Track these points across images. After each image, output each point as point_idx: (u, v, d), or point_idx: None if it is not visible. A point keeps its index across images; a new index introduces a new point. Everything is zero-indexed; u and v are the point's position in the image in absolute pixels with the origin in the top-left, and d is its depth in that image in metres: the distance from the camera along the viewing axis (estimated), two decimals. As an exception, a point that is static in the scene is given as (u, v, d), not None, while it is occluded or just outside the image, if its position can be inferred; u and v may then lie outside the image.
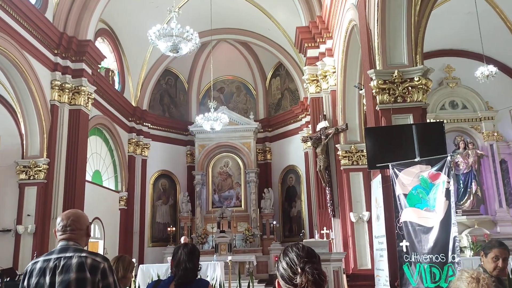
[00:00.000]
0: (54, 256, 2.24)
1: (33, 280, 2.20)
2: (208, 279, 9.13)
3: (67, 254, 2.23)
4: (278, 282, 1.57)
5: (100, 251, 14.48)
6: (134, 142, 17.26)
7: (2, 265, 9.45)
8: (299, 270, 1.49)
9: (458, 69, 12.51)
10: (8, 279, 8.64)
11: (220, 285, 8.75)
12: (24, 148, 11.53)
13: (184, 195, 17.98)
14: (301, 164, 17.59)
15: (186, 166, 19.13)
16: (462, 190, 11.44)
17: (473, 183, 11.34)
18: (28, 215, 11.05)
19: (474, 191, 11.32)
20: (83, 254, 2.24)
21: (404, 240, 5.80)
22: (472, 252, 10.51)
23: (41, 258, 2.27)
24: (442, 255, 5.43)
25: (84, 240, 2.37)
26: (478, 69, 10.02)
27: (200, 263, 2.62)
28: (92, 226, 13.87)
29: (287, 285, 1.53)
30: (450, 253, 5.37)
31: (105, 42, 15.87)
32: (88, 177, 13.85)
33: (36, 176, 11.35)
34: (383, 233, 6.58)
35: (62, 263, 2.19)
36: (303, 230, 16.30)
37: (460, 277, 2.37)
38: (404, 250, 5.78)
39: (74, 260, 2.20)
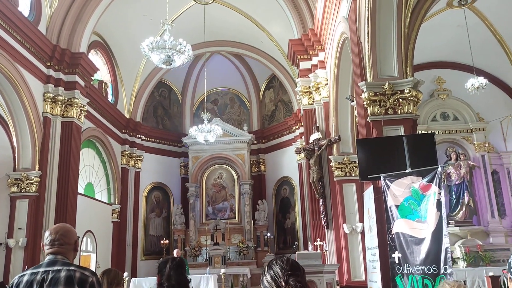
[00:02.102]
0: (42, 269, 2.23)
1: None
2: (201, 292, 9.07)
3: (55, 268, 2.23)
4: None
5: (93, 265, 14.33)
6: (127, 154, 17.20)
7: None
8: (283, 284, 1.50)
9: (449, 81, 12.66)
10: (-2, 294, 8.52)
11: (212, 298, 8.69)
12: (16, 160, 11.45)
13: (177, 207, 17.89)
14: (295, 176, 17.59)
15: (180, 178, 19.06)
16: (455, 201, 11.50)
17: (465, 194, 11.41)
18: (20, 228, 10.92)
19: (466, 202, 11.37)
20: (72, 268, 2.24)
21: (396, 252, 5.80)
22: (465, 263, 10.52)
23: (28, 271, 2.25)
24: (434, 267, 5.43)
25: (71, 254, 2.37)
26: (468, 81, 10.15)
27: (189, 276, 2.61)
28: (84, 239, 13.75)
29: None
30: (442, 264, 5.37)
31: (98, 54, 15.90)
32: (81, 189, 13.75)
33: (28, 189, 11.25)
34: (375, 245, 6.58)
35: (50, 276, 2.19)
36: (296, 242, 16.25)
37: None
38: (397, 261, 5.78)
39: (63, 274, 2.20)
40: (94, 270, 2.33)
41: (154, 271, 15.27)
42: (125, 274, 9.53)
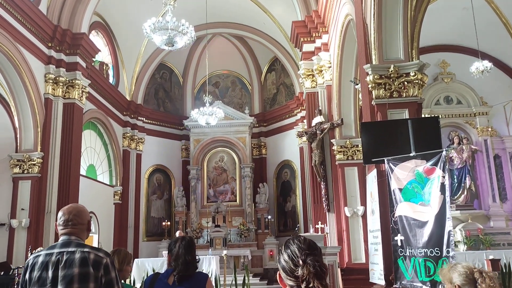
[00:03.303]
0: (56, 250, 2.23)
1: (35, 274, 2.19)
2: (203, 273, 9.15)
3: (70, 249, 2.23)
4: (279, 274, 1.57)
5: (95, 246, 14.44)
6: (128, 136, 17.19)
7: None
8: (301, 263, 1.49)
9: (453, 65, 12.56)
10: (2, 273, 8.59)
11: (215, 279, 8.76)
12: (18, 142, 11.45)
13: (179, 190, 17.95)
14: (296, 159, 17.60)
15: (181, 161, 19.08)
16: (456, 185, 11.52)
17: (467, 178, 11.42)
18: (22, 209, 10.98)
19: (468, 186, 11.40)
20: (86, 249, 2.25)
21: (399, 234, 5.84)
22: (466, 246, 10.59)
23: (43, 252, 2.25)
24: (436, 249, 5.46)
25: (85, 234, 2.37)
26: (473, 65, 10.06)
27: (197, 255, 2.62)
28: (87, 220, 13.83)
29: (288, 277, 1.52)
30: (444, 247, 5.40)
31: (99, 35, 15.75)
32: (83, 171, 13.78)
33: (30, 170, 11.27)
34: (378, 228, 6.61)
35: (65, 257, 2.19)
36: (298, 225, 16.34)
37: (456, 270, 2.33)
38: (399, 244, 5.82)
39: (77, 255, 2.20)
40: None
41: (156, 252, 15.52)
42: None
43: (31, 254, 2.75)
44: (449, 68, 12.66)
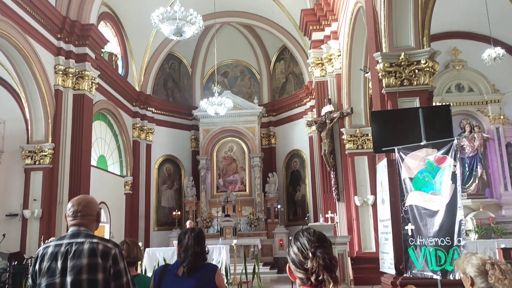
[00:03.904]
0: (65, 241, 2.25)
1: (45, 264, 2.21)
2: (213, 262, 9.21)
3: (79, 240, 2.25)
4: (289, 267, 1.56)
5: (107, 236, 14.62)
6: (138, 127, 17.27)
7: (9, 249, 9.54)
8: (310, 255, 1.48)
9: (465, 52, 12.33)
10: (16, 263, 8.73)
11: (225, 268, 8.82)
12: (29, 133, 11.55)
13: (189, 180, 18.04)
14: (305, 149, 17.56)
15: (191, 151, 19.14)
16: (468, 173, 11.40)
17: (478, 167, 11.29)
18: (35, 199, 11.11)
19: (479, 175, 11.27)
20: (95, 240, 2.26)
21: (409, 224, 5.81)
22: (477, 235, 10.52)
23: (53, 243, 2.28)
24: (447, 238, 5.43)
25: (94, 225, 2.39)
26: (485, 51, 9.89)
27: (207, 246, 2.63)
28: (98, 210, 13.97)
29: (298, 269, 1.51)
30: (455, 236, 5.37)
31: (108, 26, 15.75)
32: (93, 162, 13.90)
33: (42, 161, 11.38)
34: (388, 217, 6.59)
35: (74, 248, 2.21)
36: (308, 214, 16.36)
37: (470, 262, 2.31)
38: (409, 233, 5.79)
39: (86, 246, 2.22)
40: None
41: (166, 241, 15.64)
42: (140, 244, 9.68)
43: (43, 244, 2.80)
44: (460, 55, 12.45)
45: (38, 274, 2.21)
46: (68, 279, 2.15)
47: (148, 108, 17.86)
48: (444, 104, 10.13)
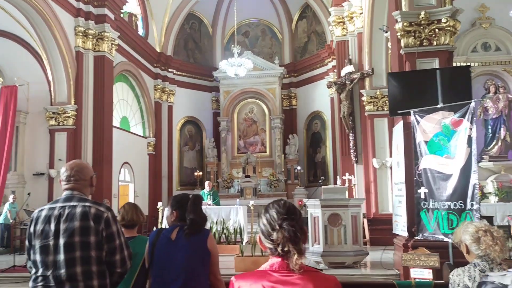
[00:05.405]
0: (59, 204, 2.33)
1: (39, 227, 2.29)
2: (230, 222, 9.46)
3: (72, 203, 2.32)
4: (259, 237, 1.61)
5: (131, 194, 15.09)
6: (159, 88, 17.37)
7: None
8: (277, 227, 1.52)
9: (493, 8, 11.69)
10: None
11: (240, 228, 9.05)
12: (52, 95, 11.80)
13: (210, 141, 18.24)
14: (326, 110, 17.38)
15: (212, 112, 19.23)
16: (490, 135, 11.10)
17: (502, 129, 10.96)
18: (60, 159, 11.49)
19: (502, 137, 10.97)
20: (87, 204, 2.32)
21: (422, 187, 5.78)
22: (497, 198, 10.39)
23: (47, 206, 2.37)
24: (460, 202, 5.40)
25: (88, 190, 2.45)
26: (515, 8, 9.40)
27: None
28: (122, 170, 14.38)
29: (266, 240, 1.56)
30: (469, 200, 5.33)
31: (127, -14, 15.58)
32: (116, 123, 14.16)
33: (65, 122, 11.68)
34: (402, 180, 6.56)
35: (66, 211, 2.28)
36: (322, 177, 16.39)
37: (466, 230, 2.33)
38: (422, 196, 5.78)
39: (78, 209, 2.28)
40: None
41: (188, 201, 16.04)
42: (160, 203, 10.00)
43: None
44: (488, 12, 11.82)
45: (33, 236, 2.31)
46: (61, 241, 2.23)
47: (169, 70, 17.87)
48: (463, 64, 9.80)
